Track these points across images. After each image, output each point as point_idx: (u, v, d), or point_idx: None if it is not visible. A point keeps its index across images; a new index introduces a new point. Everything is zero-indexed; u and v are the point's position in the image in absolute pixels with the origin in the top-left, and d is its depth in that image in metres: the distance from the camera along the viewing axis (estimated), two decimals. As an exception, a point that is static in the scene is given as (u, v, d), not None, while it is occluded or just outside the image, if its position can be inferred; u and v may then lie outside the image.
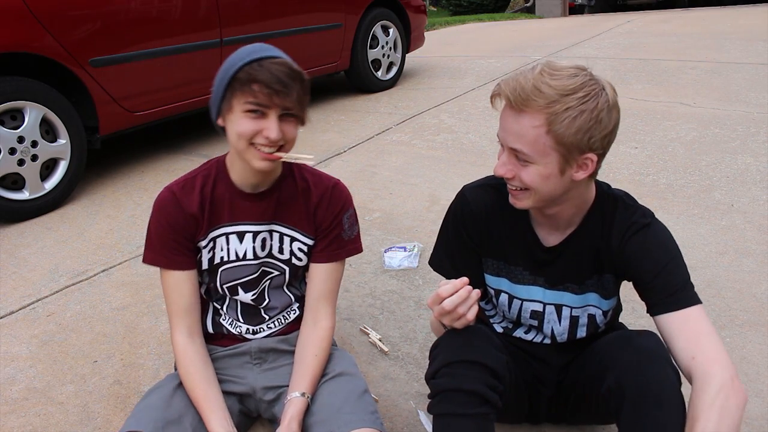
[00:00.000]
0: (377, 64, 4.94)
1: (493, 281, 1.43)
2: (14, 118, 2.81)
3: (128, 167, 3.59)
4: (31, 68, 2.88)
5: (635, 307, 1.85)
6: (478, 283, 1.42)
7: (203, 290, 1.50)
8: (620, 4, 12.46)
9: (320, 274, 1.48)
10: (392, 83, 5.11)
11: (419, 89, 5.02)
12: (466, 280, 1.17)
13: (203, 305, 1.50)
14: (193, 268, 1.43)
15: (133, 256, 2.54)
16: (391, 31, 4.98)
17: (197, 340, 1.44)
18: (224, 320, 1.52)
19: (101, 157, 3.63)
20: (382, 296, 2.22)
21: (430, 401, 1.26)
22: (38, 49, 2.81)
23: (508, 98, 1.15)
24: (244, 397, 1.50)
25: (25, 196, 2.89)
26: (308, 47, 4.27)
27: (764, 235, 2.46)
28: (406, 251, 2.43)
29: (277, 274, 1.49)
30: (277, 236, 1.46)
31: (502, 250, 1.39)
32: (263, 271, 1.48)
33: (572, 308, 1.39)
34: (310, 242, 1.49)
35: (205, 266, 1.45)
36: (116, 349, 1.97)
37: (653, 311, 1.24)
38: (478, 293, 1.18)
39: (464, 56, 6.42)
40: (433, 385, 1.26)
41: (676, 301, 1.21)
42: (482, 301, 1.52)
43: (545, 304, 1.40)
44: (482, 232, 1.39)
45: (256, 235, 1.44)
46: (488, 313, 1.53)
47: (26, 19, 2.75)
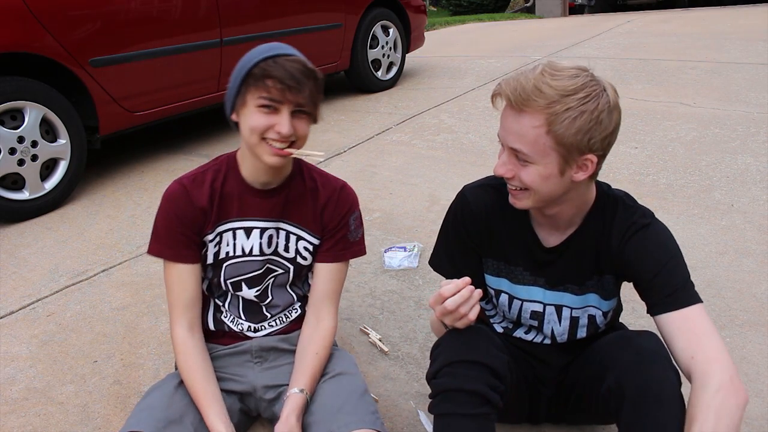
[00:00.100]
0: (377, 64, 4.94)
1: (493, 281, 1.43)
2: (14, 118, 2.81)
3: (128, 167, 3.59)
4: (31, 68, 2.88)
5: (635, 307, 1.85)
6: (478, 283, 1.42)
7: (205, 286, 1.51)
8: (620, 4, 12.45)
9: (325, 273, 1.50)
10: (392, 83, 5.11)
11: (419, 89, 5.02)
12: (468, 279, 1.17)
13: (204, 302, 1.50)
14: (197, 262, 1.44)
15: (133, 256, 2.54)
16: (391, 31, 4.98)
17: (197, 334, 1.45)
18: (225, 317, 1.52)
19: (101, 157, 3.63)
20: (382, 296, 2.21)
21: (430, 401, 1.26)
22: (38, 49, 2.81)
23: (508, 98, 1.15)
24: (244, 396, 1.50)
25: (25, 196, 2.89)
26: (308, 47, 4.21)
27: (764, 235, 2.46)
28: (406, 251, 2.43)
29: (281, 272, 1.50)
30: (283, 234, 1.48)
31: (502, 250, 1.39)
32: (268, 268, 1.49)
33: (572, 309, 1.39)
34: (315, 242, 1.50)
35: (210, 260, 1.46)
36: (116, 349, 1.97)
37: (653, 311, 1.24)
38: (479, 293, 1.18)
39: (464, 56, 6.42)
40: (434, 384, 1.26)
41: (676, 300, 1.21)
42: (482, 301, 1.52)
43: (545, 304, 1.40)
44: (482, 232, 1.38)
45: (263, 231, 1.45)
46: (488, 313, 1.53)
47: (26, 19, 2.74)
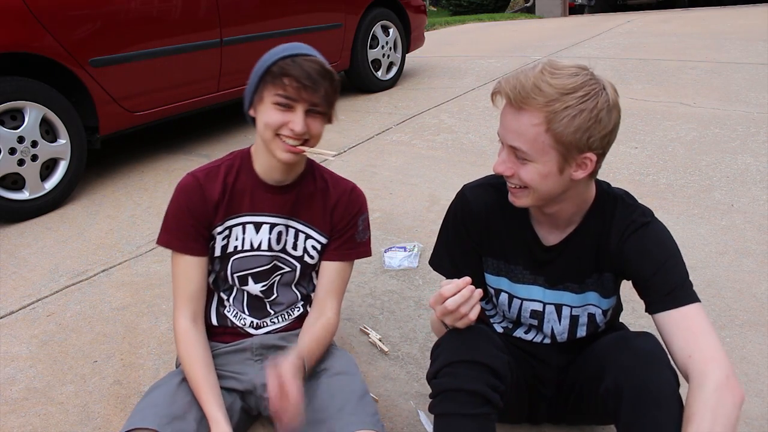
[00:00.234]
0: (377, 64, 4.94)
1: (493, 281, 1.43)
2: (14, 118, 2.81)
3: (128, 167, 3.59)
4: (31, 68, 2.88)
5: (635, 307, 1.85)
6: (478, 282, 1.42)
7: (212, 279, 1.52)
8: (620, 4, 12.45)
9: (330, 271, 1.52)
10: (392, 83, 5.11)
11: (419, 89, 5.02)
12: (468, 279, 1.17)
13: (208, 295, 1.52)
14: (205, 255, 1.46)
15: (133, 256, 2.54)
16: (391, 31, 4.98)
17: (200, 326, 1.46)
18: (228, 312, 1.53)
19: (101, 157, 3.63)
20: (382, 296, 2.21)
21: (431, 401, 1.26)
22: (38, 49, 2.81)
23: (508, 96, 1.15)
24: (245, 394, 1.51)
25: (25, 196, 2.89)
26: (308, 47, 4.26)
27: (764, 235, 2.46)
28: (406, 251, 2.43)
29: (287, 270, 1.52)
30: (292, 232, 1.50)
31: (502, 249, 1.39)
32: (275, 265, 1.50)
33: (572, 307, 1.39)
34: (324, 241, 1.52)
35: (217, 253, 1.47)
36: (116, 349, 1.97)
37: (651, 309, 1.24)
38: (480, 293, 1.18)
39: (464, 56, 6.42)
40: (434, 384, 1.26)
41: (674, 299, 1.21)
42: (482, 301, 1.52)
43: (545, 303, 1.40)
44: (482, 231, 1.39)
45: (273, 227, 1.48)
46: (488, 313, 1.53)
47: (26, 19, 2.74)
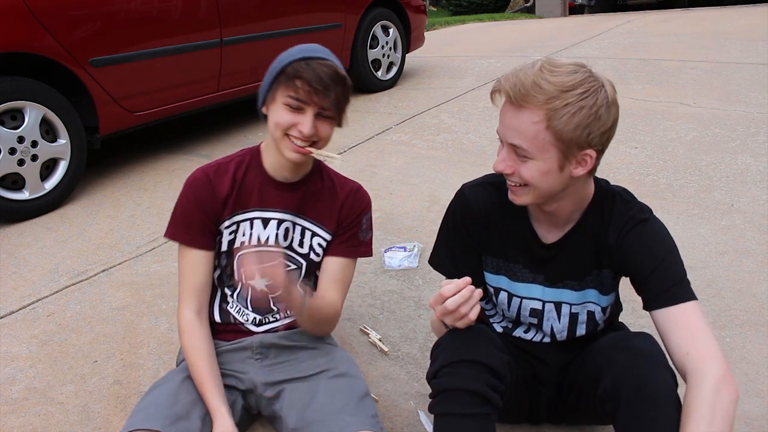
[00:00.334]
0: (377, 64, 4.94)
1: (492, 279, 1.44)
2: (14, 118, 2.81)
3: (128, 167, 3.59)
4: (31, 68, 2.88)
5: (635, 307, 1.85)
6: (478, 281, 1.43)
7: (217, 275, 1.53)
8: (620, 4, 12.44)
9: (334, 265, 1.53)
10: (392, 83, 5.11)
11: (419, 89, 5.02)
12: (468, 279, 1.17)
13: (212, 292, 1.53)
14: (211, 249, 1.48)
15: (133, 256, 2.54)
16: (391, 31, 4.98)
17: (204, 319, 1.48)
18: (231, 308, 1.54)
19: (101, 157, 3.63)
20: (382, 296, 2.21)
21: (431, 401, 1.26)
22: (38, 49, 2.81)
23: (508, 94, 1.16)
24: (246, 393, 1.51)
25: (25, 196, 2.89)
26: (308, 47, 4.26)
27: (764, 235, 2.46)
28: (406, 251, 2.43)
29: (293, 267, 1.53)
30: (299, 229, 1.51)
31: (501, 247, 1.40)
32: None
33: (571, 305, 1.39)
34: (329, 238, 1.54)
35: (224, 248, 1.49)
36: (116, 349, 1.97)
37: (649, 306, 1.25)
38: (480, 293, 1.19)
39: (464, 56, 6.42)
40: (434, 384, 1.26)
41: (672, 296, 1.22)
42: (482, 301, 1.52)
43: (544, 302, 1.40)
44: (482, 230, 1.39)
45: (280, 223, 1.50)
46: (488, 312, 1.54)
47: (26, 19, 2.74)
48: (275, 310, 1.55)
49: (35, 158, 2.88)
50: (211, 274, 1.49)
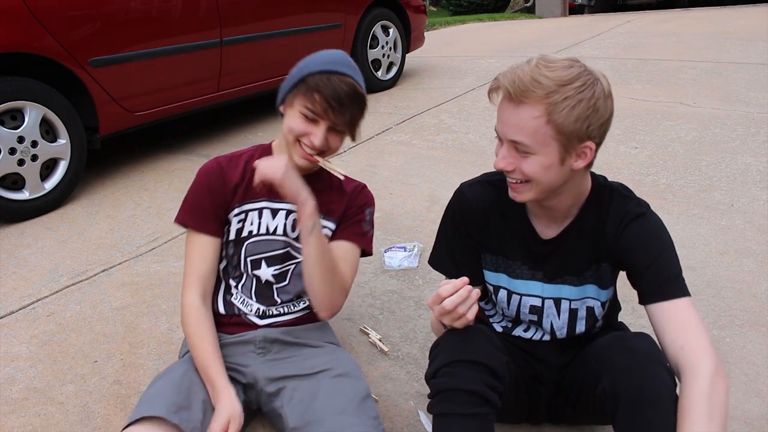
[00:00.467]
0: (377, 64, 4.94)
1: (491, 277, 1.44)
2: (14, 118, 2.81)
3: (128, 167, 3.59)
4: (31, 68, 2.88)
5: (635, 307, 1.85)
6: (478, 280, 1.43)
7: (223, 265, 1.55)
8: (620, 4, 12.45)
9: (339, 248, 1.53)
10: (392, 83, 5.11)
11: (419, 89, 5.02)
12: (466, 279, 1.18)
13: (216, 283, 1.55)
14: (219, 236, 1.51)
15: (133, 256, 2.54)
16: (391, 31, 4.98)
17: (208, 305, 1.50)
18: (235, 299, 1.56)
19: (101, 157, 3.63)
20: (382, 296, 2.22)
21: (430, 401, 1.26)
22: (38, 49, 2.81)
23: (507, 91, 1.17)
24: (246, 387, 1.51)
25: (25, 196, 2.89)
26: (308, 47, 4.24)
27: (764, 235, 2.46)
28: (406, 251, 2.43)
29: (300, 259, 1.53)
30: None
31: (500, 245, 1.40)
32: (288, 252, 1.54)
33: (571, 301, 1.40)
34: (333, 227, 1.56)
35: (231, 237, 1.51)
36: (116, 349, 1.97)
37: (645, 300, 1.27)
38: (478, 293, 1.19)
39: (464, 56, 6.42)
40: (433, 384, 1.26)
41: (668, 291, 1.24)
42: (482, 300, 1.52)
43: (544, 298, 1.41)
44: (482, 228, 1.40)
45: (289, 213, 1.53)
46: (488, 312, 1.54)
47: (26, 19, 2.74)
48: (279, 302, 1.56)
49: (35, 158, 2.88)
50: (217, 262, 1.52)
